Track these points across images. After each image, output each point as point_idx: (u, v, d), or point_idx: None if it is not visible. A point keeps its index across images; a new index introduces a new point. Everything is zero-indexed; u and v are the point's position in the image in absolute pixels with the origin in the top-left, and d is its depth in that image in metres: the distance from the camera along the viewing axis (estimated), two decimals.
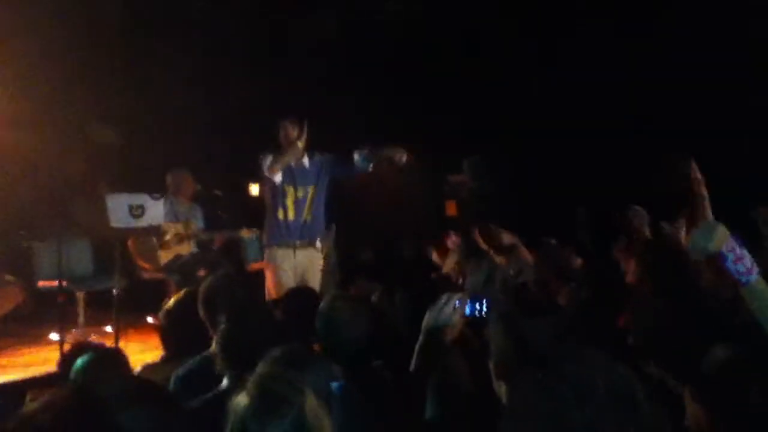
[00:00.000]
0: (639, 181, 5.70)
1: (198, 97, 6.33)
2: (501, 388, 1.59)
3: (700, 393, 1.36)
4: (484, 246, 4.66)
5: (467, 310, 1.83)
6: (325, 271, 4.51)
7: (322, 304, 2.34)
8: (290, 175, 4.35)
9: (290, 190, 4.36)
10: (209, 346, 2.39)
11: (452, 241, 5.67)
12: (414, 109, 6.53)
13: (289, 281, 4.21)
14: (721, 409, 1.35)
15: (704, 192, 3.61)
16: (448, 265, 5.50)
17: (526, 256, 4.49)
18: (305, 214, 4.38)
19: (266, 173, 4.28)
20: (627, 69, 6.24)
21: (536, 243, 4.69)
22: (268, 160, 4.27)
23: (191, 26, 6.32)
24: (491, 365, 1.61)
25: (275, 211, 4.37)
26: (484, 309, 1.85)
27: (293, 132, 4.25)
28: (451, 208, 6.84)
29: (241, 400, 1.39)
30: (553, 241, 4.24)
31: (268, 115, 5.66)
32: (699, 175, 3.60)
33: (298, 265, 4.34)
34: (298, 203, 4.36)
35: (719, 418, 1.34)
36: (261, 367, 1.51)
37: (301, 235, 4.37)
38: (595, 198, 6.31)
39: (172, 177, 5.42)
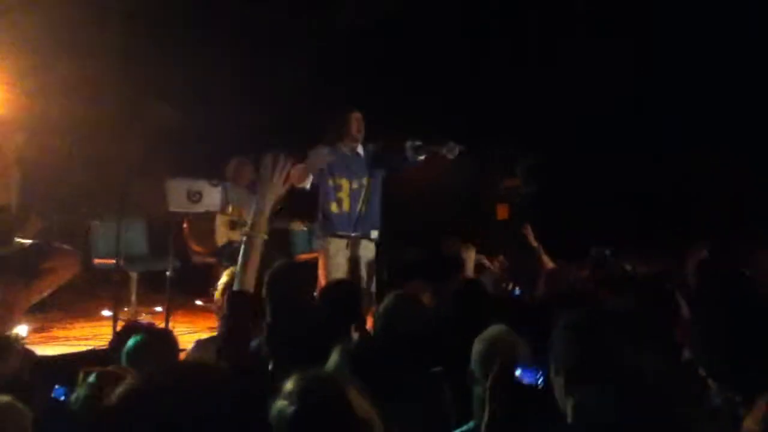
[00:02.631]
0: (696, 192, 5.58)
1: (251, 87, 6.41)
2: (568, 401, 1.54)
3: None
4: (533, 243, 4.57)
5: (524, 379, 1.79)
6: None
7: (384, 302, 2.35)
8: (345, 167, 4.31)
9: (345, 183, 4.31)
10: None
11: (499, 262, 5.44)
12: (472, 110, 6.47)
13: (341, 272, 4.18)
14: None
15: None
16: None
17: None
18: (360, 205, 4.32)
19: (322, 161, 4.24)
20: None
21: (587, 252, 4.61)
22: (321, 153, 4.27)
23: (248, 11, 6.39)
24: (552, 374, 1.58)
25: (328, 205, 4.29)
26: (540, 381, 1.79)
27: (358, 126, 4.27)
28: (502, 212, 6.77)
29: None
30: (608, 252, 4.15)
31: (319, 105, 5.72)
32: None
33: (352, 257, 4.27)
34: (353, 195, 4.31)
35: None
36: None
37: (356, 227, 4.30)
38: (650, 208, 6.19)
39: (233, 165, 5.51)
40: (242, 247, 2.16)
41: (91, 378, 1.90)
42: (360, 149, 4.38)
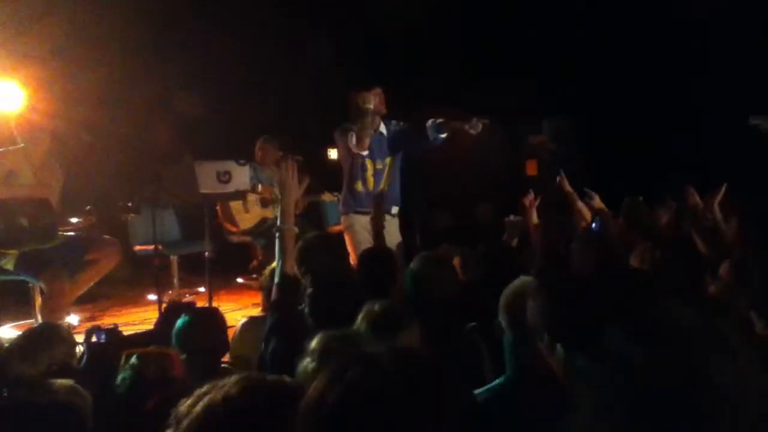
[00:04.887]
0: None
1: (276, 63, 6.43)
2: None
3: None
4: (568, 189, 4.50)
5: None
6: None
7: (412, 264, 2.38)
8: (370, 148, 4.30)
9: (369, 163, 4.34)
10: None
11: (529, 200, 5.46)
12: (495, 68, 6.40)
13: (367, 246, 4.22)
14: None
15: None
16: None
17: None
18: (382, 184, 4.34)
19: (355, 150, 4.25)
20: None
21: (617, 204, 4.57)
22: (352, 138, 4.25)
23: None
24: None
25: (353, 183, 4.35)
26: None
27: (368, 101, 4.22)
28: (531, 168, 6.71)
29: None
30: (641, 198, 4.10)
31: (345, 80, 5.71)
32: None
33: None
34: (376, 175, 4.34)
35: None
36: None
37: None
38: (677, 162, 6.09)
39: (258, 145, 5.62)
40: (277, 241, 2.25)
41: (133, 359, 1.97)
42: (383, 128, 4.38)
